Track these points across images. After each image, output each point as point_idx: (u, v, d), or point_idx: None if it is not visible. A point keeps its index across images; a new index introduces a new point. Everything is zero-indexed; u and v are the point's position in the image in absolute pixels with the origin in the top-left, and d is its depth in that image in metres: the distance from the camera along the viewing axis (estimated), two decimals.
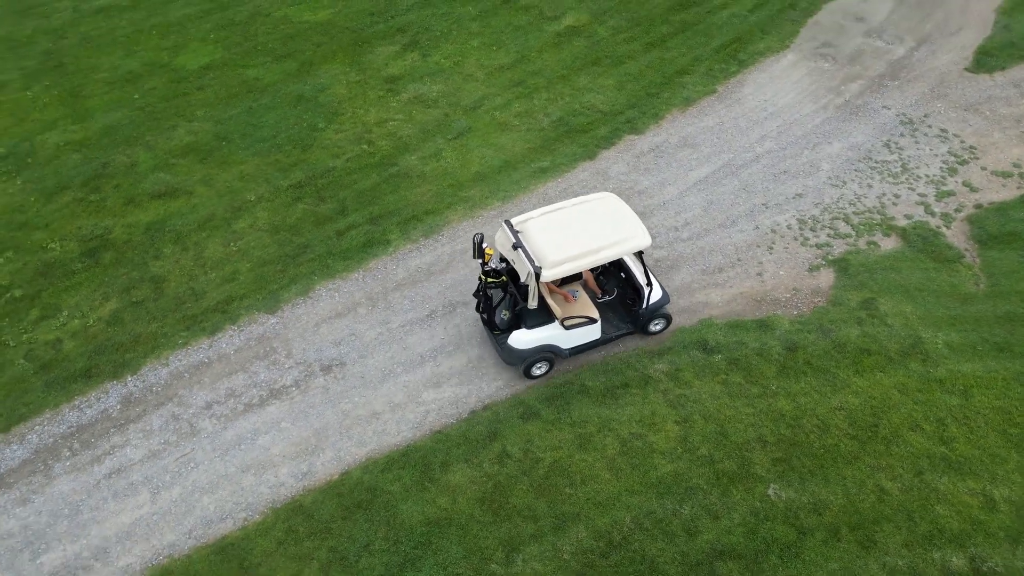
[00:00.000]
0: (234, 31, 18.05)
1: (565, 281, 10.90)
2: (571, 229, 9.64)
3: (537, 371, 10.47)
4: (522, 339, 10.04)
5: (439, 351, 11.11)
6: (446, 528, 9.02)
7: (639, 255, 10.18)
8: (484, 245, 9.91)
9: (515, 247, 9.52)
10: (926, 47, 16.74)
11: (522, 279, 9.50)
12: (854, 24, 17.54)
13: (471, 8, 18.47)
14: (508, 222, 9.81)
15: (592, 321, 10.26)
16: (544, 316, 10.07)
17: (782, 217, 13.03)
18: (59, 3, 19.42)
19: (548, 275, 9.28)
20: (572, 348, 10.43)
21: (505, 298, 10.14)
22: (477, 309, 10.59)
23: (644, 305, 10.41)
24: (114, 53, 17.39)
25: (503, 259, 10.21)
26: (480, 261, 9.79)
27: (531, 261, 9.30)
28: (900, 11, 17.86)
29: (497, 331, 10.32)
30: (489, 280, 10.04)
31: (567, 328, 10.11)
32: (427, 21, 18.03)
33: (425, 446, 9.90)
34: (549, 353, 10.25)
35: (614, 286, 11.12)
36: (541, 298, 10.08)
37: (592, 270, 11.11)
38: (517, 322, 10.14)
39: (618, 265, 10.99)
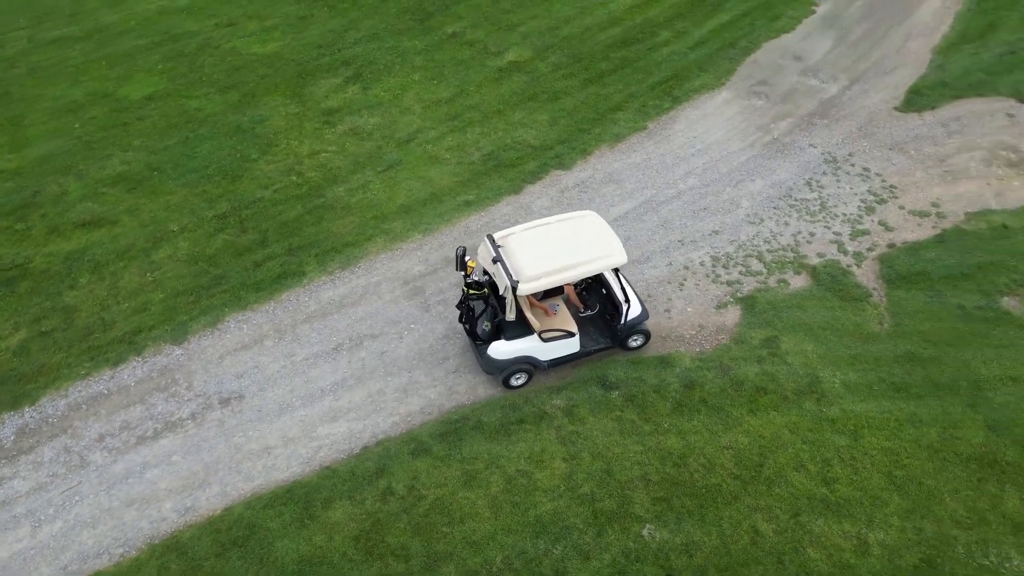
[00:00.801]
0: (181, 62, 18.34)
1: (547, 295, 11.29)
2: (550, 245, 10.04)
3: (516, 381, 10.82)
4: (501, 350, 10.41)
5: (340, 385, 11.16)
6: (318, 567, 9.00)
7: (616, 272, 10.64)
8: (467, 258, 10.36)
9: (495, 261, 9.90)
10: (859, 86, 16.99)
11: (501, 291, 9.94)
12: (791, 63, 17.82)
13: (418, 42, 18.78)
14: (490, 236, 10.22)
15: (570, 335, 10.61)
16: (523, 328, 10.47)
17: (696, 254, 13.14)
18: (15, 33, 19.78)
19: (524, 288, 9.67)
20: (550, 360, 10.80)
21: (486, 310, 10.53)
22: (460, 320, 10.98)
23: (622, 321, 10.70)
24: (60, 83, 17.67)
25: (485, 272, 10.55)
26: (462, 274, 10.43)
27: (508, 275, 9.68)
28: (838, 50, 18.16)
29: (479, 342, 10.65)
30: (471, 292, 10.48)
31: (545, 340, 10.48)
32: (373, 55, 18.34)
33: (311, 482, 9.90)
34: (527, 364, 10.61)
35: (596, 301, 11.39)
36: (520, 311, 10.44)
37: (576, 285, 11.47)
38: (498, 333, 10.48)
39: (600, 281, 11.26)
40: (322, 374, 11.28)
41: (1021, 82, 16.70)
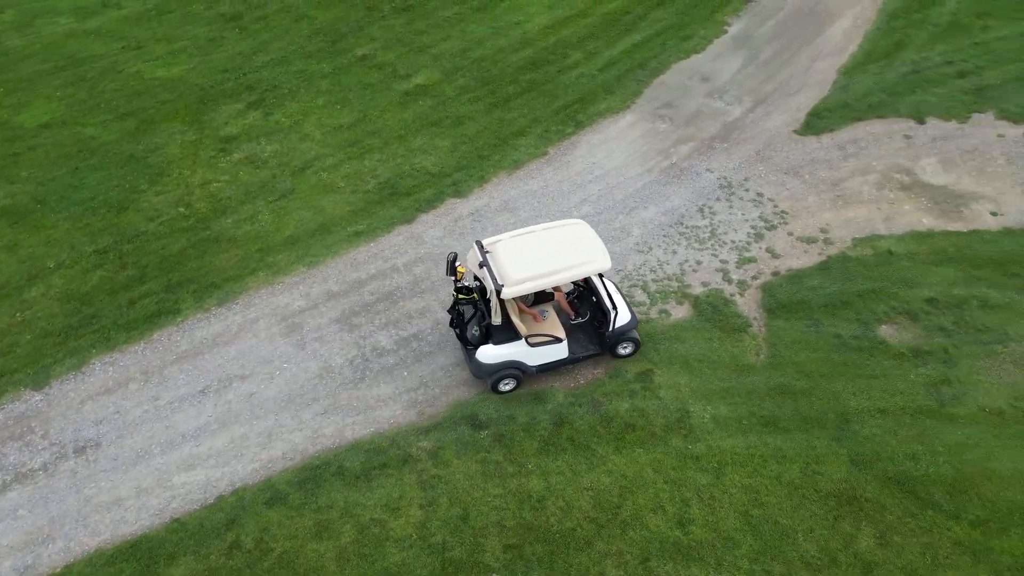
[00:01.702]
0: (81, 88, 17.94)
1: (537, 301, 11.49)
2: (535, 251, 10.34)
3: (504, 387, 11.02)
4: (489, 354, 10.63)
5: (203, 430, 10.88)
6: None
7: (602, 278, 11.05)
8: (457, 264, 10.64)
9: (481, 265, 10.20)
10: (762, 108, 17.05)
11: (488, 296, 10.20)
12: (699, 84, 17.85)
13: (326, 65, 18.56)
14: (479, 242, 10.51)
15: (558, 340, 10.80)
16: (512, 333, 10.71)
17: None
18: None
19: (508, 292, 9.90)
20: (539, 366, 11.00)
21: (476, 314, 10.81)
22: (451, 324, 11.19)
23: (610, 328, 10.86)
24: None
25: (476, 277, 10.78)
26: (453, 279, 10.69)
27: (494, 279, 9.95)
28: (747, 71, 18.22)
29: (469, 345, 10.87)
30: (460, 296, 10.72)
31: (532, 346, 10.69)
32: (278, 79, 18.08)
33: (158, 536, 9.62)
34: (515, 369, 10.81)
35: (587, 309, 11.46)
36: (507, 316, 10.61)
37: (568, 294, 11.69)
38: (486, 338, 10.68)
39: (591, 289, 11.33)
40: (185, 419, 10.99)
41: (922, 102, 16.87)
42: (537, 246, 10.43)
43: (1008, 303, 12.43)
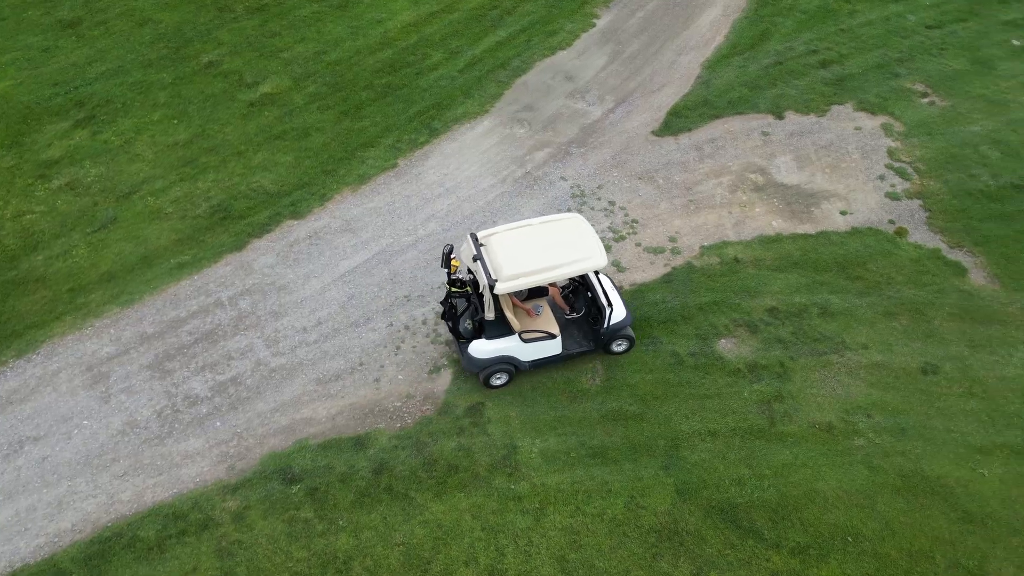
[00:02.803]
0: None
1: (531, 296, 11.30)
2: (531, 246, 10.17)
3: (496, 381, 10.97)
4: (481, 349, 10.59)
5: None
6: None
7: (597, 275, 11.00)
8: (452, 256, 10.54)
9: (475, 259, 10.02)
10: (623, 108, 16.56)
11: (481, 290, 10.06)
12: (562, 84, 17.23)
13: (166, 75, 17.28)
14: (473, 235, 10.25)
15: (551, 336, 10.68)
16: (505, 328, 10.57)
17: (420, 311, 12.39)
18: None
19: (502, 287, 9.78)
20: (531, 361, 10.92)
21: (469, 308, 10.70)
22: (442, 317, 11.18)
23: (605, 325, 10.76)
24: None
25: (470, 270, 10.60)
26: (447, 271, 10.59)
27: (487, 273, 9.79)
28: (612, 67, 17.68)
29: (462, 339, 10.80)
30: (453, 290, 10.68)
31: (525, 341, 10.60)
32: (113, 91, 16.74)
33: None
34: (508, 364, 10.73)
35: (582, 305, 11.35)
36: (501, 310, 10.48)
37: (562, 289, 11.58)
38: (479, 333, 10.63)
39: (586, 284, 11.23)
40: None
41: (782, 96, 16.63)
42: (532, 241, 10.26)
43: (848, 309, 12.29)
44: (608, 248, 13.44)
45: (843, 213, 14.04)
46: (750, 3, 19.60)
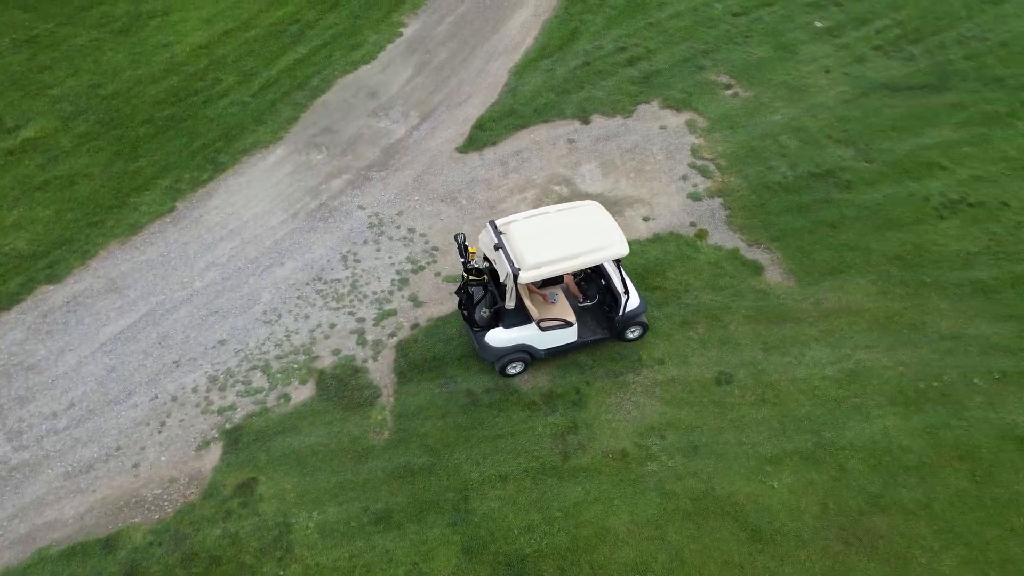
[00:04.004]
0: None
1: (546, 284, 11.08)
2: (552, 234, 10.03)
3: (512, 370, 10.83)
4: (499, 337, 10.42)
5: None
6: None
7: (618, 263, 10.60)
8: (467, 244, 10.42)
9: (496, 248, 9.84)
10: (428, 124, 15.75)
11: (501, 279, 9.88)
12: (364, 101, 16.23)
13: None
14: (492, 223, 10.07)
15: (568, 324, 10.56)
16: (522, 316, 10.45)
17: (191, 377, 11.21)
18: None
19: (526, 277, 9.67)
20: (548, 349, 10.77)
21: (485, 296, 10.62)
22: (459, 306, 10.89)
23: (620, 312, 10.65)
24: None
25: (486, 258, 10.46)
26: (463, 260, 10.39)
27: (510, 262, 9.63)
28: (417, 80, 16.80)
29: (476, 328, 10.60)
30: (470, 278, 10.48)
31: (543, 329, 10.47)
32: None
33: None
34: (524, 353, 10.61)
35: (595, 292, 11.21)
36: (519, 299, 10.36)
37: (575, 275, 11.39)
38: (496, 321, 10.43)
39: (600, 272, 11.11)
40: None
41: (588, 99, 16.22)
42: (553, 229, 10.10)
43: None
44: (405, 282, 12.62)
45: (645, 219, 13.77)
46: (561, 1, 19.13)
